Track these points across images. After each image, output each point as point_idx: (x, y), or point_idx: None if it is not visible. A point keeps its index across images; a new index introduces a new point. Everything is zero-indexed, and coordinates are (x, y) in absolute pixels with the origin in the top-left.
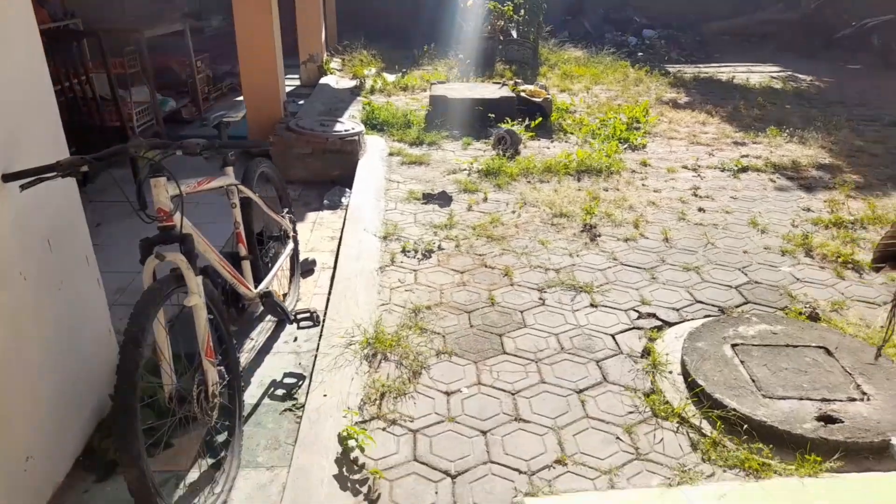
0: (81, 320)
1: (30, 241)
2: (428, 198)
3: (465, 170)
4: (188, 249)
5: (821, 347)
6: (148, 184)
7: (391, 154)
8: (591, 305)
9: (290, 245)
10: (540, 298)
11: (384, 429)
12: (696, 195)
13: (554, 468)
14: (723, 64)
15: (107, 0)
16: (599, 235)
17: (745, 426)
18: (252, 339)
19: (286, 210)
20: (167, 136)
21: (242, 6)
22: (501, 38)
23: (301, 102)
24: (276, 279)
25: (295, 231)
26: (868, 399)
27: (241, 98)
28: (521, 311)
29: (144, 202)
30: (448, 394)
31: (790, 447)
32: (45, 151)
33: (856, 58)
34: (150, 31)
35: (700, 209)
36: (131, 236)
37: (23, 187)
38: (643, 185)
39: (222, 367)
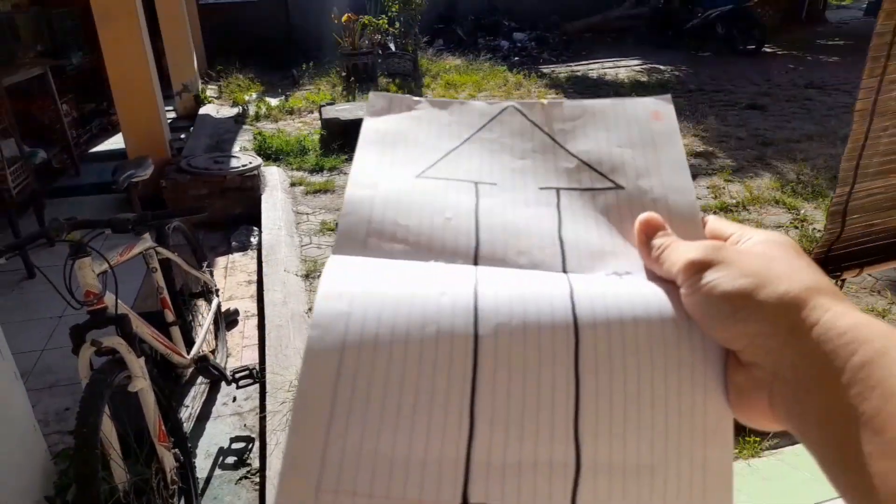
0: (2, 420)
1: None
2: None
3: None
4: (126, 331)
5: None
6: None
7: (293, 184)
8: None
9: (215, 300)
10: None
11: None
12: None
13: None
14: (591, 61)
15: None
16: None
17: None
18: (188, 406)
19: (205, 264)
20: (43, 192)
21: (111, 39)
22: (381, 51)
23: (183, 136)
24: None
25: (215, 283)
26: None
27: (146, 157)
28: None
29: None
30: None
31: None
32: None
33: (705, 46)
34: (8, 79)
35: None
36: (23, 308)
37: None
38: None
39: (177, 450)
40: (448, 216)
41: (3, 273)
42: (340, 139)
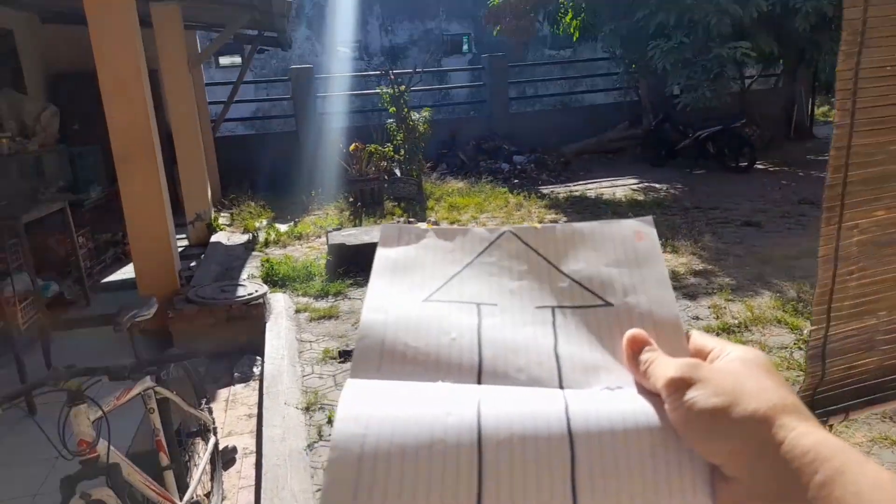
0: None
1: None
2: (345, 355)
3: None
4: (117, 482)
5: None
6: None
7: (298, 311)
8: None
9: (212, 440)
10: None
11: None
12: None
13: None
14: (589, 181)
15: None
16: None
17: None
18: None
19: (203, 401)
20: (51, 326)
21: (128, 176)
22: (387, 177)
23: (194, 265)
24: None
25: (213, 422)
26: None
27: (152, 297)
28: None
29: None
30: None
31: None
32: None
33: (698, 164)
34: (28, 216)
35: None
36: (17, 450)
37: None
38: None
39: None
40: (453, 336)
41: (9, 410)
42: (346, 263)
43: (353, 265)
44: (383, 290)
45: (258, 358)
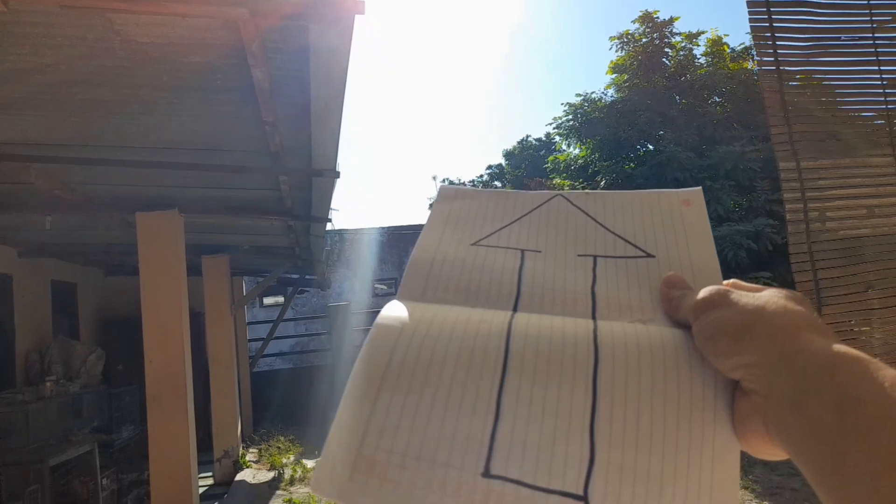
0: None
1: None
2: None
3: None
4: None
5: None
6: None
7: None
8: None
9: None
10: None
11: None
12: None
13: None
14: None
15: (11, 430)
16: None
17: None
18: None
19: None
20: None
21: (157, 418)
22: None
23: None
24: None
25: None
26: None
27: None
28: None
29: None
30: None
31: None
32: None
33: None
34: (56, 458)
35: None
36: None
37: None
38: None
39: None
40: (495, 273)
41: None
42: None
43: None
44: (434, 235)
45: None
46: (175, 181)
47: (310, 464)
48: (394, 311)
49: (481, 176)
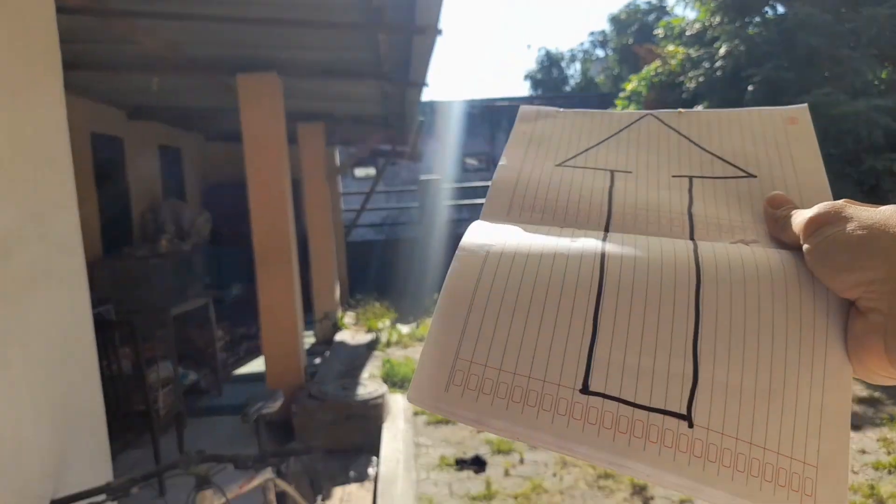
0: None
1: None
2: (461, 464)
3: None
4: None
5: None
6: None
7: (416, 413)
8: None
9: None
10: None
11: None
12: None
13: None
14: None
15: (137, 282)
16: (652, 498)
17: None
18: None
19: (319, 497)
20: (187, 412)
21: (266, 276)
22: None
23: (318, 361)
24: None
25: None
26: None
27: (278, 390)
28: None
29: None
30: None
31: None
32: (91, 467)
33: None
34: (177, 308)
35: None
36: None
37: None
38: None
39: None
40: (584, 194)
41: (144, 489)
42: None
43: None
44: (518, 155)
45: (374, 458)
46: (274, 41)
47: (405, 329)
48: (479, 231)
49: (581, 44)
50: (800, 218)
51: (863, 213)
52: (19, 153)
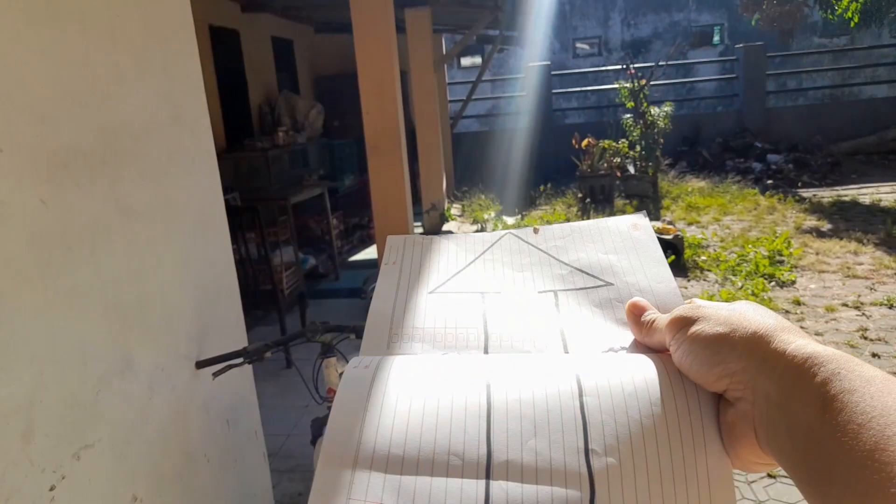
0: (249, 497)
1: (213, 423)
2: None
3: None
4: None
5: None
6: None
7: None
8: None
9: None
10: None
11: None
12: (865, 338)
13: None
14: (862, 185)
15: (256, 173)
16: None
17: None
18: None
19: None
20: (308, 293)
21: (377, 166)
22: (619, 173)
23: None
24: None
25: None
26: None
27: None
28: None
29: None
30: None
31: None
32: (229, 335)
33: None
34: (295, 198)
35: (874, 354)
36: (278, 396)
37: (215, 375)
38: (801, 328)
39: None
40: (459, 318)
41: (271, 362)
42: None
43: None
44: (390, 286)
45: None
46: None
47: (510, 220)
48: (361, 362)
49: None
50: (663, 322)
51: (721, 310)
52: (151, 38)
